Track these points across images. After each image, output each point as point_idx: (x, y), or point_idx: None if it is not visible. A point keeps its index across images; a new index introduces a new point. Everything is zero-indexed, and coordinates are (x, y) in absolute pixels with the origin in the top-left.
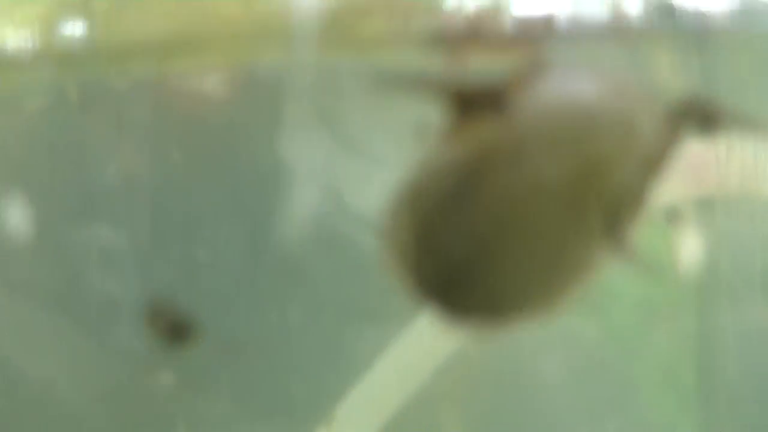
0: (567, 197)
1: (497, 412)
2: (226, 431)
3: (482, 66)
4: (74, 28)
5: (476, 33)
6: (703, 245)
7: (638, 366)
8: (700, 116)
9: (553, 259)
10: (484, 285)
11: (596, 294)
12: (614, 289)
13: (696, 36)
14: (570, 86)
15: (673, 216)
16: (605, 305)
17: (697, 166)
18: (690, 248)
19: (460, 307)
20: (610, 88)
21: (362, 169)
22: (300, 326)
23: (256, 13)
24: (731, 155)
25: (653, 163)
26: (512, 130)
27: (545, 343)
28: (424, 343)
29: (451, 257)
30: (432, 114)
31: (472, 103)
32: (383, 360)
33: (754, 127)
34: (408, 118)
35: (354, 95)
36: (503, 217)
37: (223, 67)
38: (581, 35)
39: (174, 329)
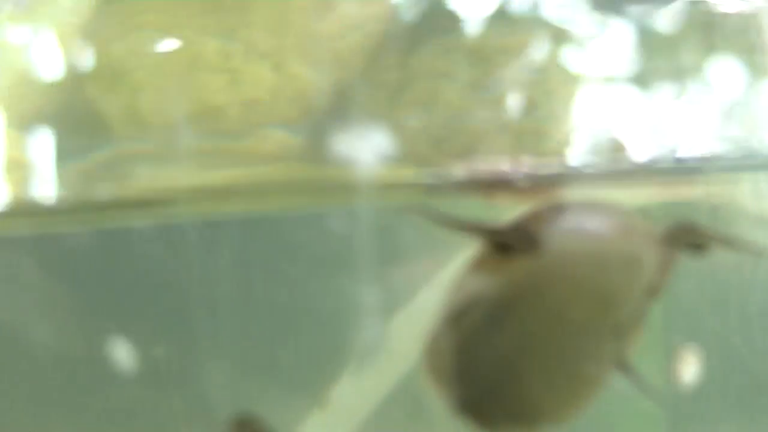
0: (584, 325)
1: None
2: None
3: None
4: None
5: (505, 181)
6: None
7: None
8: (691, 241)
9: (570, 377)
10: (511, 400)
11: None
12: None
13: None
14: (585, 230)
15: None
16: None
17: None
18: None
19: (491, 418)
20: (619, 228)
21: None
22: None
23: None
24: None
25: (654, 288)
26: (536, 268)
27: None
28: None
29: (483, 376)
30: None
31: (504, 241)
32: None
33: (737, 245)
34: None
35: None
36: (529, 342)
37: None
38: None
39: None
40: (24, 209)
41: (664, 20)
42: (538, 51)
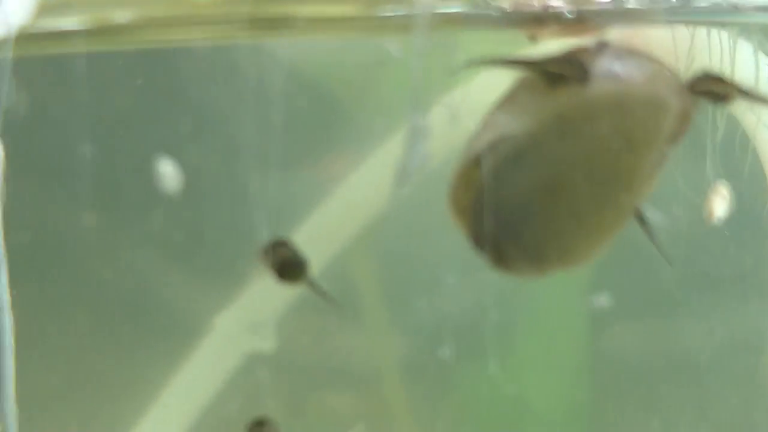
0: (609, 168)
1: None
2: None
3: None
4: None
5: (551, 15)
6: None
7: None
8: (713, 90)
9: (588, 222)
10: (527, 238)
11: None
12: None
13: None
14: (625, 72)
15: None
16: None
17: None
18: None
19: (506, 255)
20: (655, 74)
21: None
22: None
23: None
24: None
25: (674, 135)
26: (576, 103)
27: None
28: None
29: (503, 212)
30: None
31: (558, 70)
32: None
33: (758, 98)
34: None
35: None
36: (553, 180)
37: None
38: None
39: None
40: None
41: None
42: None
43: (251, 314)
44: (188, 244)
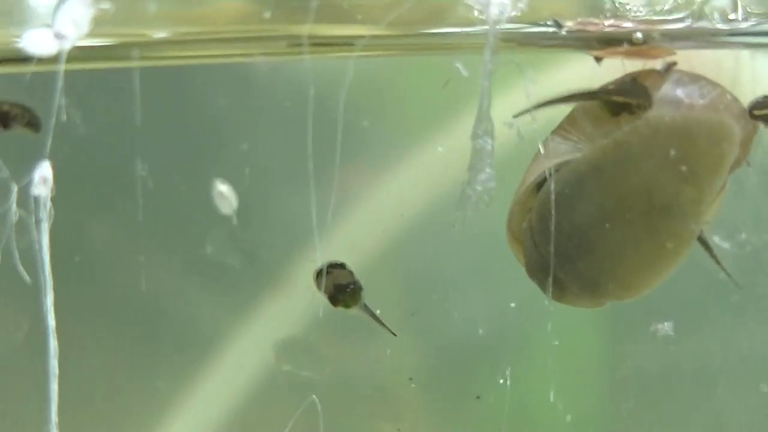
0: (672, 195)
1: None
2: None
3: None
4: None
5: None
6: None
7: None
8: None
9: (649, 249)
10: (583, 268)
11: None
12: None
13: None
14: (688, 100)
15: None
16: None
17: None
18: None
19: (560, 284)
20: (719, 102)
21: None
22: None
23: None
24: None
25: (736, 161)
26: (637, 130)
27: None
28: None
29: (559, 240)
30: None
31: (620, 95)
32: None
33: None
34: None
35: None
36: (614, 207)
37: None
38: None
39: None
40: None
41: None
42: None
43: (271, 328)
44: (206, 258)
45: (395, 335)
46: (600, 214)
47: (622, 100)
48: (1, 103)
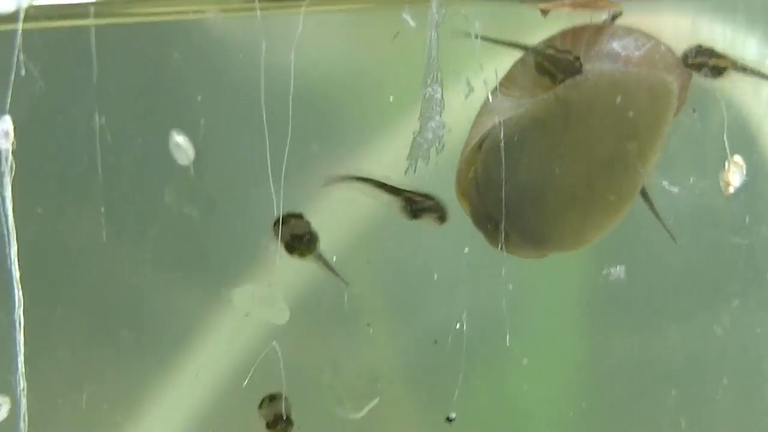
0: (610, 155)
1: None
2: None
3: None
4: None
5: None
6: None
7: None
8: (707, 63)
9: (591, 203)
10: (527, 220)
11: None
12: None
13: None
14: (622, 59)
15: None
16: None
17: None
18: None
19: (505, 235)
20: (655, 56)
21: None
22: None
23: None
24: None
25: (677, 109)
26: (575, 85)
27: None
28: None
29: (503, 192)
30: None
31: (548, 64)
32: None
33: (753, 71)
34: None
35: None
36: (550, 165)
37: None
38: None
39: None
40: None
41: None
42: None
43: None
44: (185, 248)
45: (347, 284)
46: (542, 167)
47: (549, 68)
48: (413, 194)
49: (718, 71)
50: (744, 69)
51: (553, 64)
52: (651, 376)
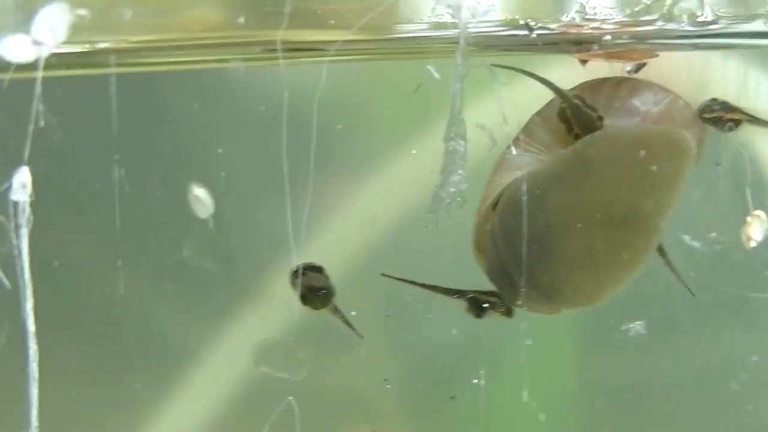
0: (631, 208)
1: None
2: None
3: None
4: None
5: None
6: None
7: None
8: (722, 117)
9: (605, 260)
10: (541, 276)
11: None
12: None
13: None
14: (644, 114)
15: None
16: None
17: None
18: None
19: (520, 292)
20: (675, 113)
21: None
22: None
23: None
24: None
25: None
26: (601, 142)
27: None
28: None
29: (518, 249)
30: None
31: (572, 116)
32: None
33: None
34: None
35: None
36: (572, 218)
37: None
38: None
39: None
40: None
41: None
42: None
43: (247, 333)
44: (182, 263)
45: (362, 338)
46: (559, 222)
47: (570, 118)
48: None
49: (733, 125)
50: (759, 121)
51: (574, 115)
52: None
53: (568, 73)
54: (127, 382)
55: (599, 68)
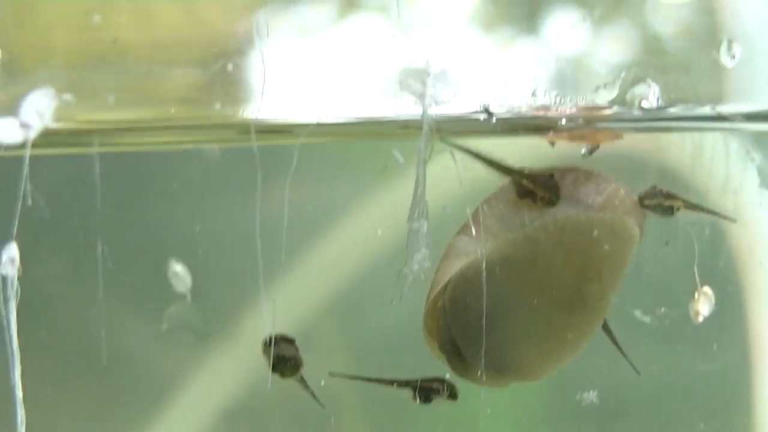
0: (572, 292)
1: None
2: None
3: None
4: None
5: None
6: None
7: None
8: (662, 204)
9: (549, 340)
10: (492, 352)
11: None
12: None
13: None
14: (591, 201)
15: None
16: None
17: None
18: None
19: (472, 368)
20: (619, 200)
21: None
22: None
23: None
24: None
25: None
26: (549, 229)
27: None
28: None
29: (468, 328)
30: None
31: (528, 190)
32: None
33: (705, 209)
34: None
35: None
36: (517, 300)
37: None
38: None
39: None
40: None
41: None
42: None
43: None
44: (158, 303)
45: (323, 407)
46: (506, 302)
47: (530, 187)
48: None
49: (671, 211)
50: (695, 207)
51: (532, 182)
52: None
53: (539, 151)
54: (105, 417)
55: (568, 148)
